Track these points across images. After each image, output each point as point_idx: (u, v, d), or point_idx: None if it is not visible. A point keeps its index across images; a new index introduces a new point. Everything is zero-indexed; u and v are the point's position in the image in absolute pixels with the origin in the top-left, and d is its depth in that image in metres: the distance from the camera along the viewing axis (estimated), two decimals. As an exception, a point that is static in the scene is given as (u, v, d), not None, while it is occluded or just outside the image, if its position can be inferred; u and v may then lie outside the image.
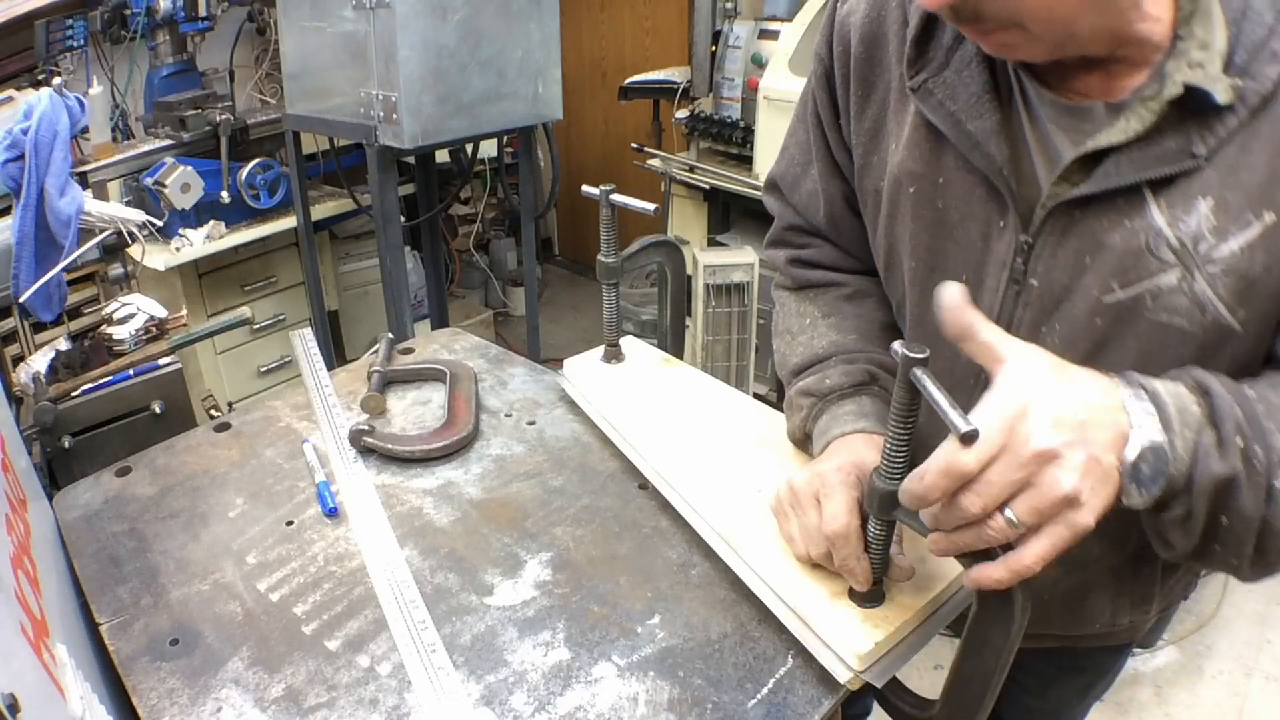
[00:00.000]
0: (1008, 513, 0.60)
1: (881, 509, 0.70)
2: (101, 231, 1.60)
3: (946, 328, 0.63)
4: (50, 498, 1.03)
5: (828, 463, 0.78)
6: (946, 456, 0.59)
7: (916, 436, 0.66)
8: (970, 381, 0.83)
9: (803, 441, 0.94)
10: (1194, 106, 0.65)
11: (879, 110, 0.85)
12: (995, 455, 0.58)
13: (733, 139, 2.85)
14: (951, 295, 0.62)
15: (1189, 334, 0.70)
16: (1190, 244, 0.67)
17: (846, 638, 0.73)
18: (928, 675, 2.00)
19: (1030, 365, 0.61)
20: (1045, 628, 0.92)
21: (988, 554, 0.64)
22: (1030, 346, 0.63)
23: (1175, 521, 0.64)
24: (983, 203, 0.77)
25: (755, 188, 2.73)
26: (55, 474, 1.32)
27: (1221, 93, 0.63)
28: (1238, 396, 0.63)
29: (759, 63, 2.76)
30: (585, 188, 1.11)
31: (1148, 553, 0.85)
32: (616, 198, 1.09)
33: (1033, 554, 0.61)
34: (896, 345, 0.61)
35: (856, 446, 0.81)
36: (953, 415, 0.58)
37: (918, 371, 0.61)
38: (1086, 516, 0.59)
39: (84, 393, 1.42)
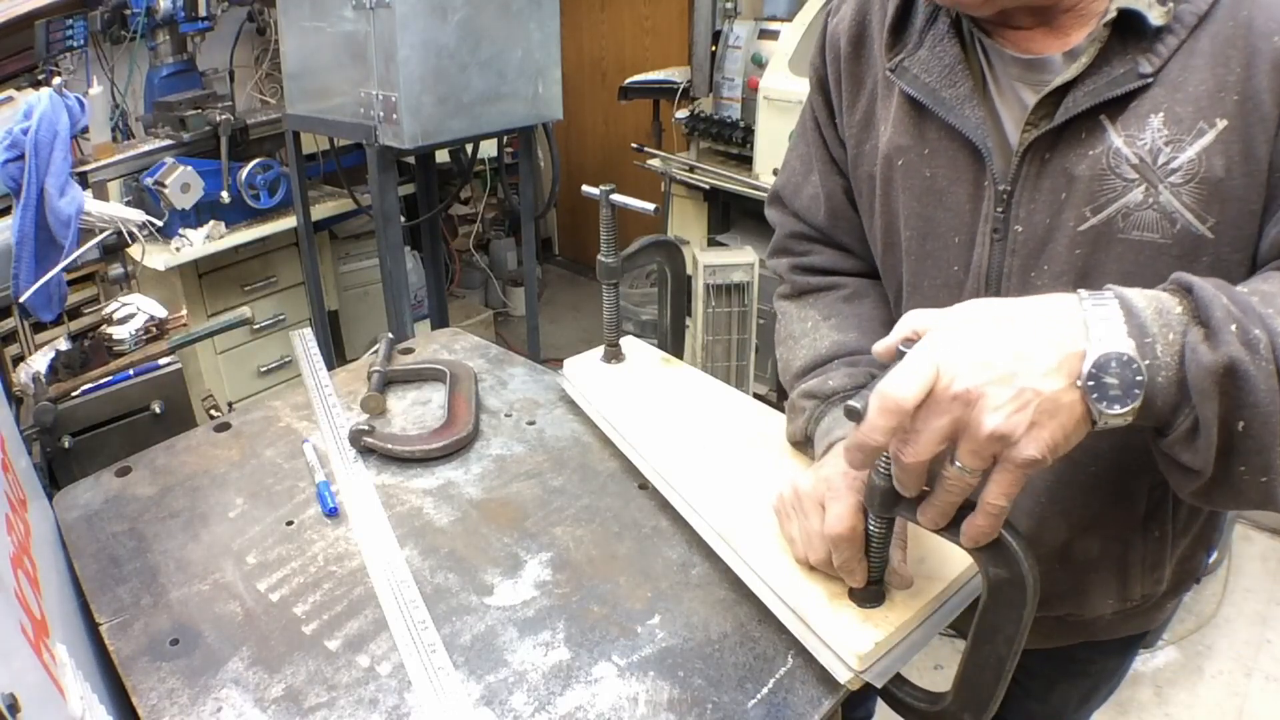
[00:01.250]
0: (956, 462, 0.60)
1: (882, 506, 0.70)
2: (101, 231, 1.60)
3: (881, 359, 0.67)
4: (50, 498, 1.03)
5: (833, 467, 0.79)
6: (879, 394, 0.60)
7: None
8: None
9: (803, 444, 0.95)
10: (1135, 32, 0.70)
11: (869, 102, 0.90)
12: (923, 397, 0.59)
13: (733, 139, 2.84)
14: (876, 349, 0.68)
15: (1163, 247, 0.73)
16: (1149, 158, 0.71)
17: (846, 638, 0.73)
18: (928, 675, 2.00)
19: (961, 311, 0.63)
20: (1056, 607, 0.91)
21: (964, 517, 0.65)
22: (967, 303, 0.64)
23: (1183, 440, 0.61)
24: (968, 166, 0.81)
25: (755, 188, 2.73)
26: (55, 474, 1.32)
27: (1156, 16, 0.68)
28: (1226, 290, 0.62)
29: (759, 63, 2.76)
30: (585, 188, 1.11)
31: (1159, 512, 0.85)
32: (616, 198, 1.09)
33: (992, 494, 0.61)
34: (901, 345, 0.63)
35: None
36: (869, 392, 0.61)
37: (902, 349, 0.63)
38: (1027, 450, 0.58)
39: (84, 393, 1.42)
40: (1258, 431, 0.59)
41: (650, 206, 1.10)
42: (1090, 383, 0.58)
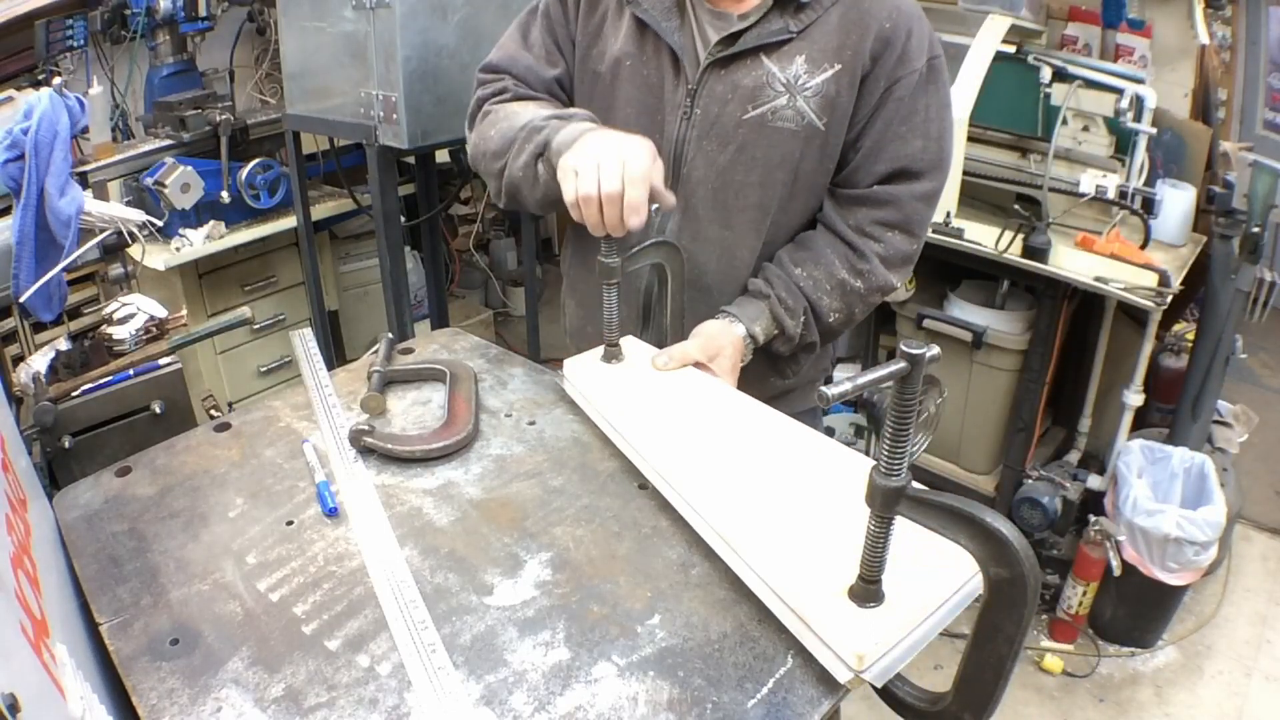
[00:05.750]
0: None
1: (884, 505, 0.70)
2: (101, 231, 1.60)
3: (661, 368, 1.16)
4: (50, 498, 1.03)
5: (623, 136, 1.09)
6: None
7: None
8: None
9: (533, 164, 1.19)
10: (790, 5, 1.18)
11: (600, 19, 1.30)
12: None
13: (732, 139, 2.85)
14: (658, 363, 1.16)
15: (795, 132, 1.22)
16: (792, 81, 1.20)
17: (846, 637, 0.73)
18: (928, 675, 2.00)
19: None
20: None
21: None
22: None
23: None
24: (670, 69, 1.25)
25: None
26: (55, 474, 1.32)
27: None
28: (792, 299, 1.25)
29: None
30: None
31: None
32: None
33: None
34: (902, 345, 0.63)
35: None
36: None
37: None
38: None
39: (84, 393, 1.42)
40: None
41: (652, 205, 1.10)
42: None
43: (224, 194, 2.65)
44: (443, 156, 3.10)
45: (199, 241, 2.64)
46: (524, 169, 1.21)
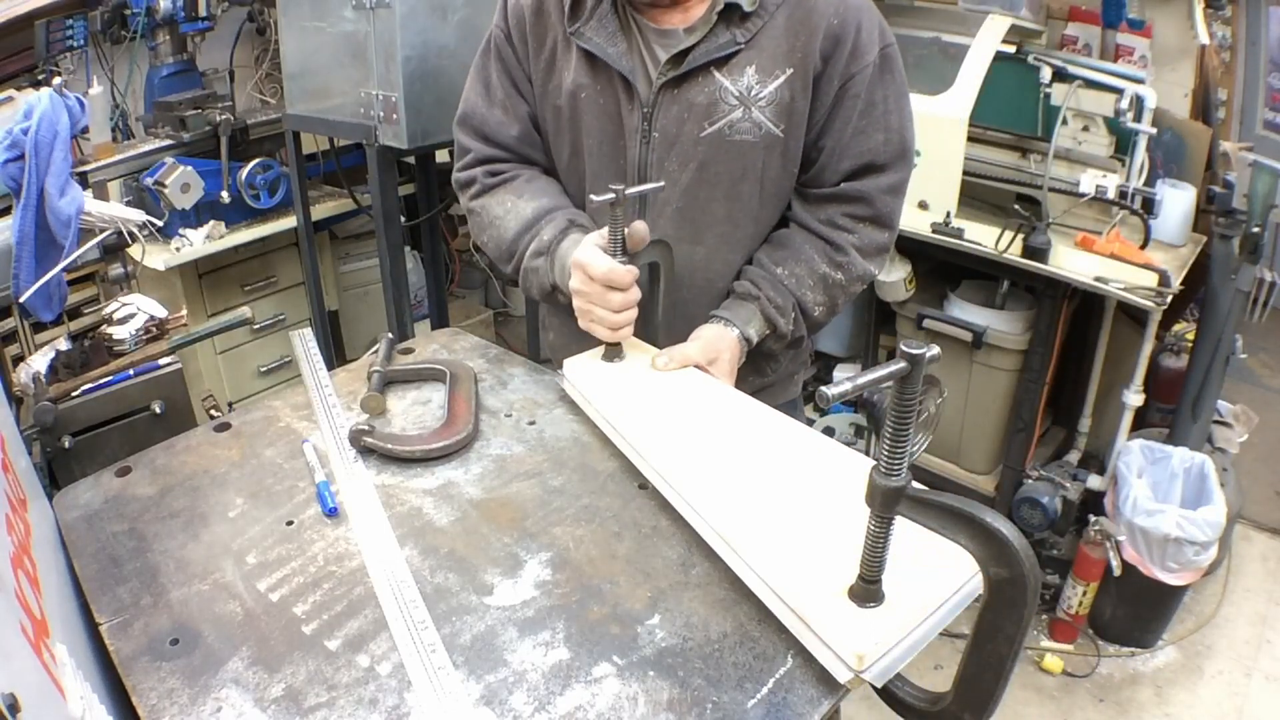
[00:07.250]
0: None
1: (884, 505, 0.70)
2: (101, 231, 1.60)
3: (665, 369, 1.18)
4: (50, 498, 1.03)
5: (587, 254, 1.13)
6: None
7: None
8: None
9: (552, 293, 1.26)
10: (736, 14, 1.16)
11: (550, 54, 1.27)
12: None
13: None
14: (659, 364, 1.17)
15: (754, 144, 1.21)
16: (745, 92, 1.19)
17: (846, 637, 0.73)
18: (928, 675, 2.00)
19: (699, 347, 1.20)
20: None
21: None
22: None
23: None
24: (625, 95, 1.23)
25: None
26: (55, 474, 1.32)
27: (748, 5, 1.16)
28: (780, 298, 1.25)
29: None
30: (593, 196, 1.11)
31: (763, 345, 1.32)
32: (633, 190, 1.11)
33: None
34: (902, 345, 0.63)
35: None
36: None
37: None
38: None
39: (84, 393, 1.42)
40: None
41: (660, 185, 1.19)
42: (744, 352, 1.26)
43: (224, 194, 2.65)
44: (443, 156, 3.09)
45: (199, 241, 2.64)
46: (545, 299, 1.31)
